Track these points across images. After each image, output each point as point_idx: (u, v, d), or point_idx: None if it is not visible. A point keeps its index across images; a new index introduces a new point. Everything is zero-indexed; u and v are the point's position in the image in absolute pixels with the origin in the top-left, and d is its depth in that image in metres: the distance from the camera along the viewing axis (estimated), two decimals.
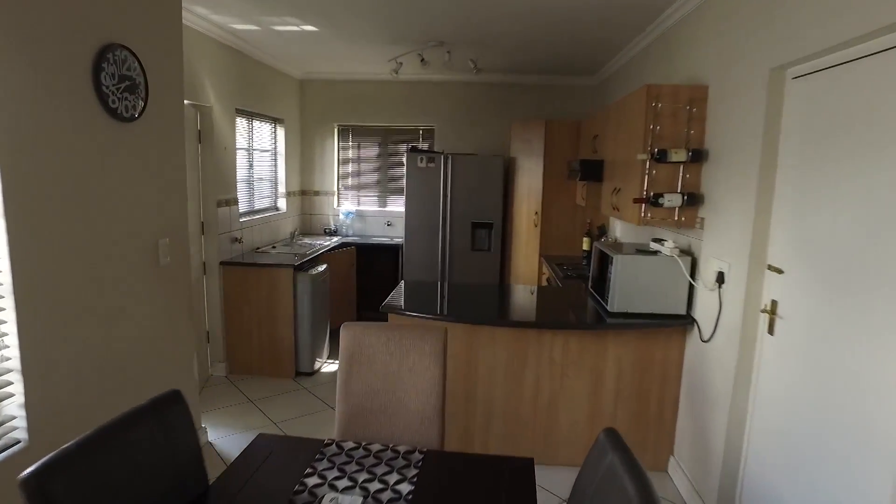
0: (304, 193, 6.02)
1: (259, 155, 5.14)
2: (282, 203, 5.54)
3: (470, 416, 3.03)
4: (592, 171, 3.77)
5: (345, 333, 2.03)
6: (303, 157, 5.97)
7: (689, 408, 2.82)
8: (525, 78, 5.57)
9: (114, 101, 2.33)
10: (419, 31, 3.88)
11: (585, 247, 4.85)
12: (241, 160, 4.68)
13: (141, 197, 2.57)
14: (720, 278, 2.47)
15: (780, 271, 2.12)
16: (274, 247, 4.96)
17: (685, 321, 2.80)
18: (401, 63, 4.30)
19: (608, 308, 2.87)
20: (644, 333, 2.87)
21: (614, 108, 3.42)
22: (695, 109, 2.69)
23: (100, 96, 2.25)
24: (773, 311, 2.16)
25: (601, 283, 3.04)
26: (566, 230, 4.96)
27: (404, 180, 5.18)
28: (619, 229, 4.39)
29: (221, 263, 4.18)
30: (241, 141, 4.69)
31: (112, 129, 2.36)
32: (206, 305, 4.19)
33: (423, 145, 5.85)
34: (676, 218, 2.78)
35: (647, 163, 2.74)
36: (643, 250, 2.91)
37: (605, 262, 3.01)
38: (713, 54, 2.67)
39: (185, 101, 3.74)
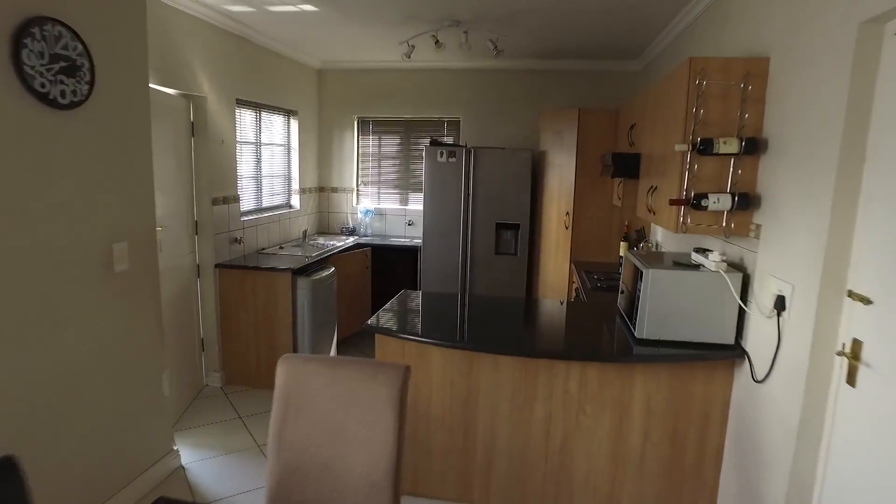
0: (322, 190, 5.70)
1: (269, 149, 4.83)
2: (295, 200, 5.23)
3: (468, 455, 2.56)
4: (627, 167, 3.22)
5: (280, 369, 1.62)
6: (320, 151, 5.65)
7: (737, 461, 2.26)
8: (558, 63, 5.02)
9: (43, 85, 2.01)
10: (431, 8, 3.43)
11: (622, 251, 4.27)
12: (246, 155, 4.38)
13: (88, 196, 2.25)
14: (780, 304, 1.90)
15: (866, 301, 1.55)
16: (282, 247, 4.64)
17: (733, 353, 2.24)
18: (413, 46, 3.86)
19: (635, 334, 2.34)
20: (681, 366, 2.32)
21: (652, 91, 2.86)
22: (751, 87, 2.11)
23: (22, 79, 1.93)
24: (854, 354, 1.59)
25: (631, 301, 2.50)
26: (601, 233, 4.40)
27: (420, 176, 4.75)
28: (661, 234, 3.80)
29: (217, 266, 3.88)
30: (247, 134, 4.39)
31: (44, 118, 2.04)
32: (201, 311, 3.90)
33: (448, 139, 5.40)
34: (724, 224, 2.22)
35: (688, 155, 2.20)
36: (682, 263, 2.36)
37: (636, 275, 2.48)
38: (778, 15, 2.09)
39: (174, 91, 3.46)
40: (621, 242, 4.27)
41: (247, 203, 4.44)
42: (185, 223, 3.66)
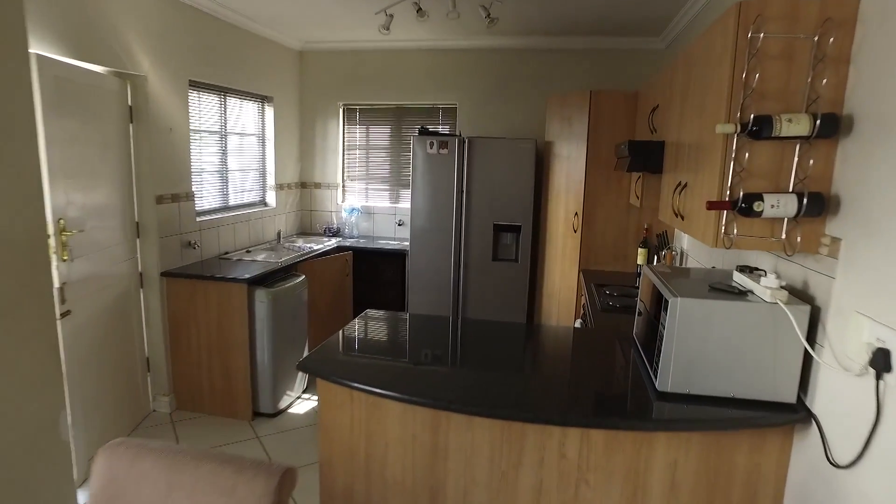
0: (304, 186, 5.13)
1: (239, 140, 4.27)
2: (271, 197, 4.67)
3: None
4: (648, 158, 2.58)
5: (97, 469, 1.04)
6: (302, 142, 5.08)
7: None
8: (568, 41, 4.37)
9: None
10: None
11: (640, 260, 3.63)
12: (208, 146, 3.83)
13: None
14: (881, 360, 1.27)
15: None
16: (249, 251, 4.08)
17: (793, 416, 1.60)
18: (391, 16, 3.26)
19: (657, 384, 1.72)
20: (718, 432, 1.69)
21: (683, 57, 2.22)
22: (832, 41, 1.47)
23: None
24: None
25: (651, 330, 1.88)
26: (615, 238, 3.76)
27: (410, 170, 4.15)
28: (688, 241, 3.16)
29: (164, 274, 3.33)
30: (208, 122, 3.83)
31: None
32: (145, 326, 3.36)
33: (443, 128, 4.79)
34: (785, 236, 1.58)
35: (734, 140, 1.57)
36: (723, 289, 1.73)
37: (657, 297, 1.86)
38: None
39: (102, 69, 2.91)
40: (639, 249, 3.64)
41: (207, 201, 3.89)
42: (122, 224, 3.11)
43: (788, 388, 1.61)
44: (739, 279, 1.81)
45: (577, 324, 3.11)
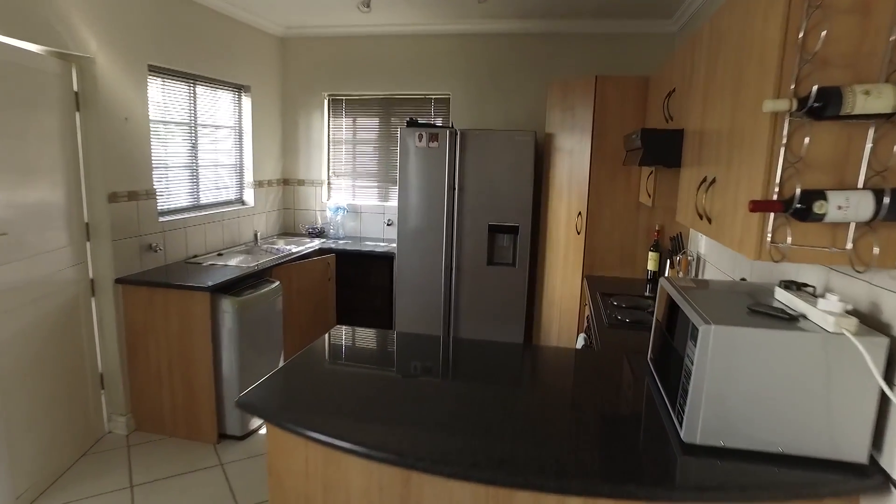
0: (286, 183, 4.77)
1: (212, 133, 3.92)
2: (249, 195, 4.31)
3: None
4: (663, 149, 2.21)
5: None
6: (284, 136, 4.72)
7: None
8: (571, 25, 4.00)
9: None
10: None
11: (651, 266, 3.27)
12: (175, 138, 3.47)
13: None
14: None
15: None
16: (221, 254, 3.73)
17: (865, 482, 1.24)
18: None
19: (682, 434, 1.36)
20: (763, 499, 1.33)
21: (710, 26, 1.85)
22: None
23: None
24: None
25: (671, 366, 1.52)
26: (623, 240, 3.39)
27: (397, 165, 3.79)
28: (705, 244, 2.79)
29: (118, 281, 2.98)
30: (174, 112, 3.48)
31: None
32: (98, 338, 3.01)
33: (436, 120, 4.43)
34: (852, 245, 1.22)
35: (786, 121, 1.20)
36: (766, 311, 1.36)
37: (677, 321, 1.49)
38: None
39: (38, 48, 2.54)
40: (650, 253, 3.27)
41: (173, 199, 3.54)
42: (67, 226, 2.76)
43: (857, 444, 1.24)
44: (785, 299, 1.44)
45: (581, 340, 2.74)
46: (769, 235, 1.26)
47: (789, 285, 1.46)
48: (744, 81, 1.43)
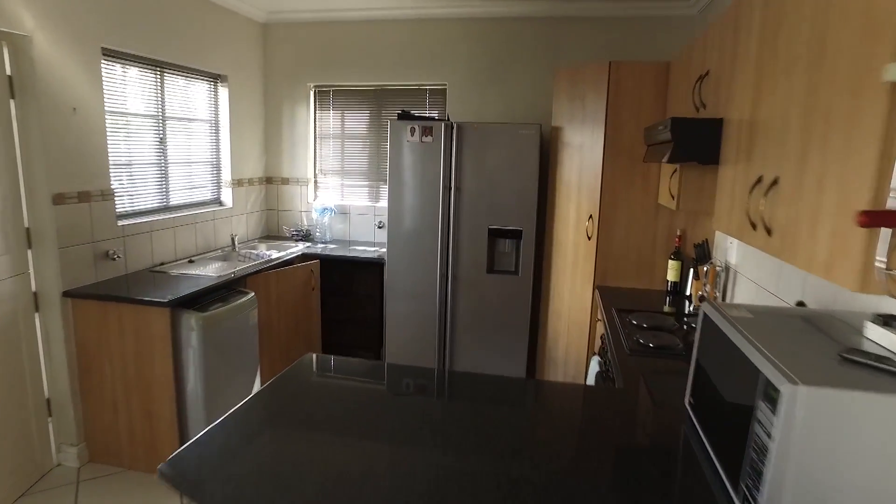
0: (269, 182, 4.41)
1: (185, 127, 3.55)
2: (227, 196, 3.95)
3: None
4: (698, 143, 1.84)
5: None
6: (267, 130, 4.35)
7: None
8: (579, 8, 3.62)
9: None
10: None
11: (672, 276, 2.91)
12: (139, 132, 3.10)
13: None
14: None
15: None
16: (192, 261, 3.37)
17: None
18: None
19: None
20: None
21: None
22: None
23: None
24: None
25: (715, 417, 1.16)
26: (640, 246, 3.02)
27: (388, 162, 3.42)
28: (737, 253, 2.43)
29: (67, 294, 2.62)
30: (140, 104, 3.11)
31: None
32: (44, 359, 2.65)
33: (432, 113, 4.06)
34: None
35: None
36: (869, 362, 0.99)
37: (727, 359, 1.13)
38: None
39: None
40: (670, 262, 2.91)
41: (138, 200, 3.17)
42: (2, 230, 2.40)
43: None
44: (887, 341, 1.07)
45: (595, 365, 2.38)
46: (882, 260, 0.89)
47: (889, 321, 1.10)
48: (829, 51, 1.07)
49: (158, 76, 3.28)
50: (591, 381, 2.39)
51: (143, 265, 3.12)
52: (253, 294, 3.03)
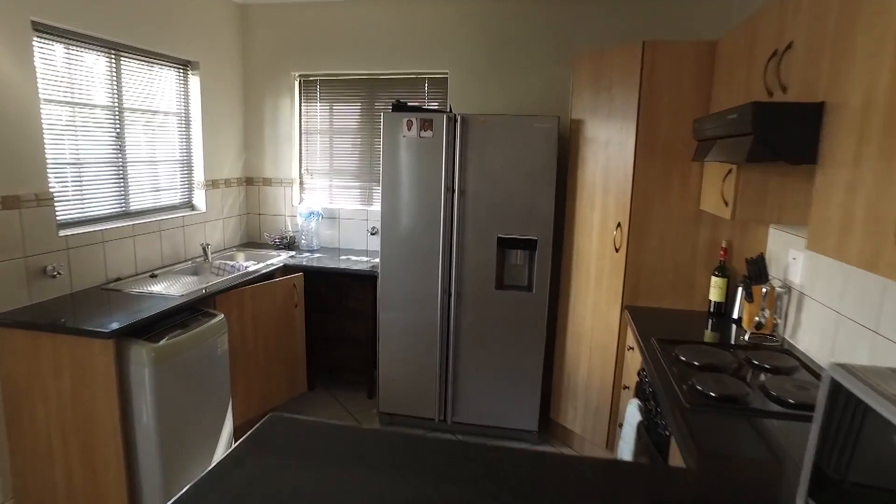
0: (249, 182, 3.94)
1: (148, 120, 3.09)
2: (200, 199, 3.49)
3: None
4: (786, 137, 1.39)
5: None
6: (247, 125, 3.89)
7: None
8: None
9: None
10: None
11: (715, 296, 2.47)
12: (91, 126, 2.64)
13: None
14: None
15: None
16: (154, 276, 2.90)
17: None
18: None
19: None
20: None
21: None
22: None
23: None
24: None
25: None
26: (676, 259, 2.57)
27: (381, 160, 2.96)
28: (803, 271, 1.99)
29: None
30: (91, 92, 2.65)
31: None
32: None
33: (431, 105, 3.60)
34: None
35: None
36: None
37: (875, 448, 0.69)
38: None
39: None
40: (713, 278, 2.46)
41: (88, 206, 2.71)
42: None
43: None
44: None
45: (635, 411, 1.92)
46: None
47: None
48: None
49: (114, 61, 2.82)
50: (628, 431, 1.94)
51: (95, 282, 2.66)
52: (222, 316, 2.57)
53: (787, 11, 1.60)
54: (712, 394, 1.62)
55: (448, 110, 2.95)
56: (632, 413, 1.95)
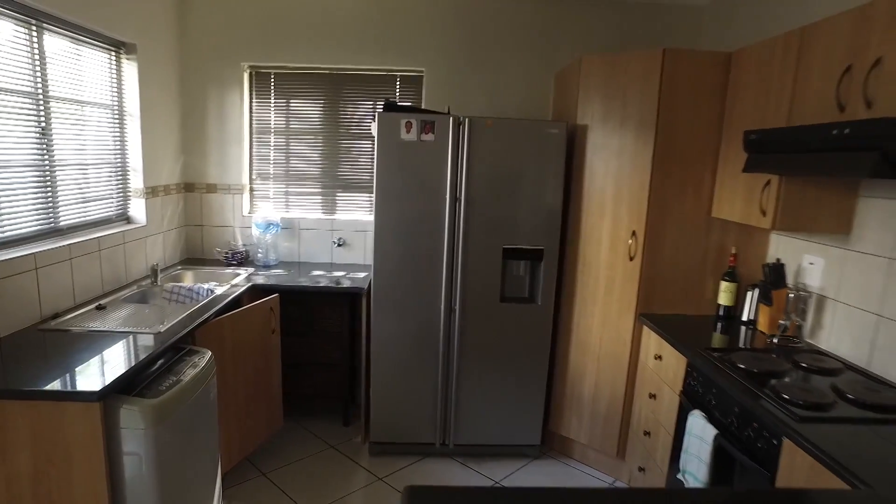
0: (189, 189, 3.39)
1: (75, 112, 2.49)
2: (139, 209, 2.91)
3: None
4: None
5: None
6: (186, 121, 3.34)
7: None
8: None
9: None
10: None
11: (725, 299, 2.55)
12: (10, 116, 2.04)
13: None
14: None
15: None
16: (101, 307, 2.35)
17: None
18: None
19: None
20: None
21: None
22: None
23: None
24: None
25: None
26: (688, 265, 2.62)
27: (374, 165, 2.67)
28: (822, 273, 2.11)
29: None
30: (2, 70, 2.05)
31: None
32: None
33: (403, 104, 3.34)
34: None
35: None
36: None
37: None
38: None
39: None
40: (722, 283, 2.55)
41: (7, 222, 2.11)
42: None
43: None
44: None
45: (703, 426, 1.89)
46: None
47: None
48: None
49: (35, 33, 2.22)
50: (697, 444, 1.91)
51: (27, 321, 2.08)
52: (210, 354, 2.14)
53: (872, 28, 1.65)
54: (800, 402, 1.64)
55: (447, 111, 2.74)
56: (700, 426, 1.92)
